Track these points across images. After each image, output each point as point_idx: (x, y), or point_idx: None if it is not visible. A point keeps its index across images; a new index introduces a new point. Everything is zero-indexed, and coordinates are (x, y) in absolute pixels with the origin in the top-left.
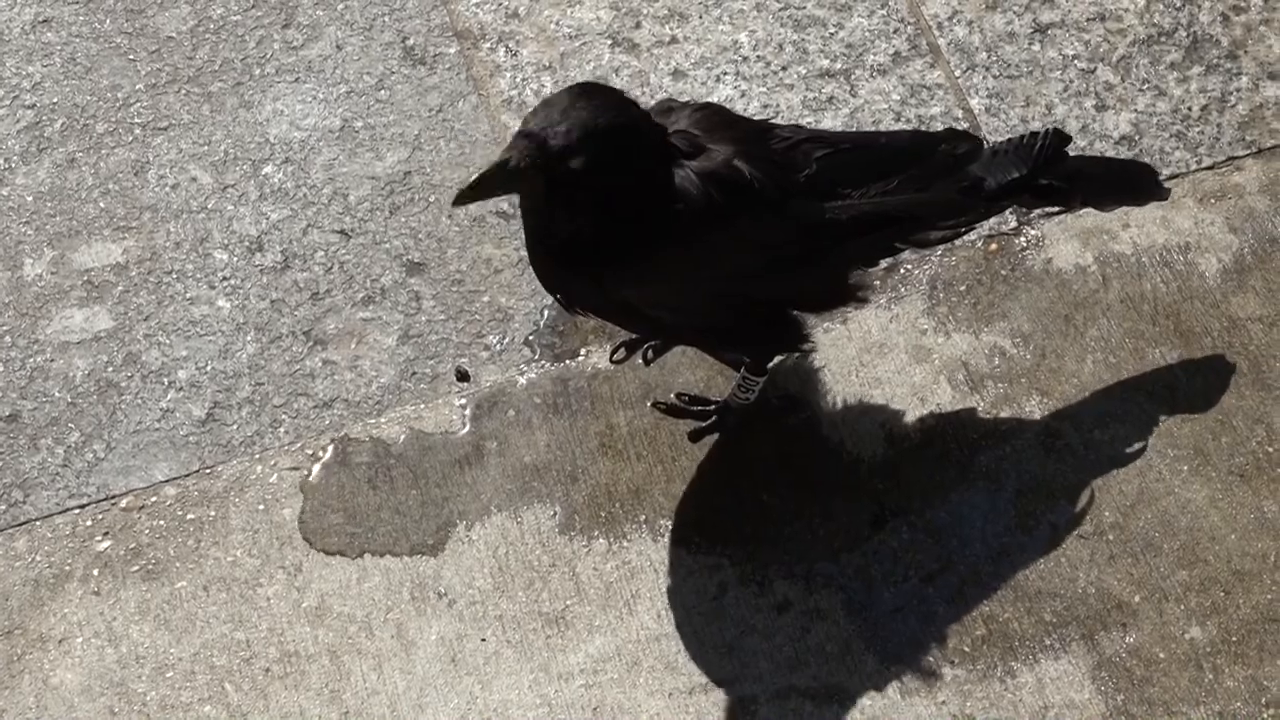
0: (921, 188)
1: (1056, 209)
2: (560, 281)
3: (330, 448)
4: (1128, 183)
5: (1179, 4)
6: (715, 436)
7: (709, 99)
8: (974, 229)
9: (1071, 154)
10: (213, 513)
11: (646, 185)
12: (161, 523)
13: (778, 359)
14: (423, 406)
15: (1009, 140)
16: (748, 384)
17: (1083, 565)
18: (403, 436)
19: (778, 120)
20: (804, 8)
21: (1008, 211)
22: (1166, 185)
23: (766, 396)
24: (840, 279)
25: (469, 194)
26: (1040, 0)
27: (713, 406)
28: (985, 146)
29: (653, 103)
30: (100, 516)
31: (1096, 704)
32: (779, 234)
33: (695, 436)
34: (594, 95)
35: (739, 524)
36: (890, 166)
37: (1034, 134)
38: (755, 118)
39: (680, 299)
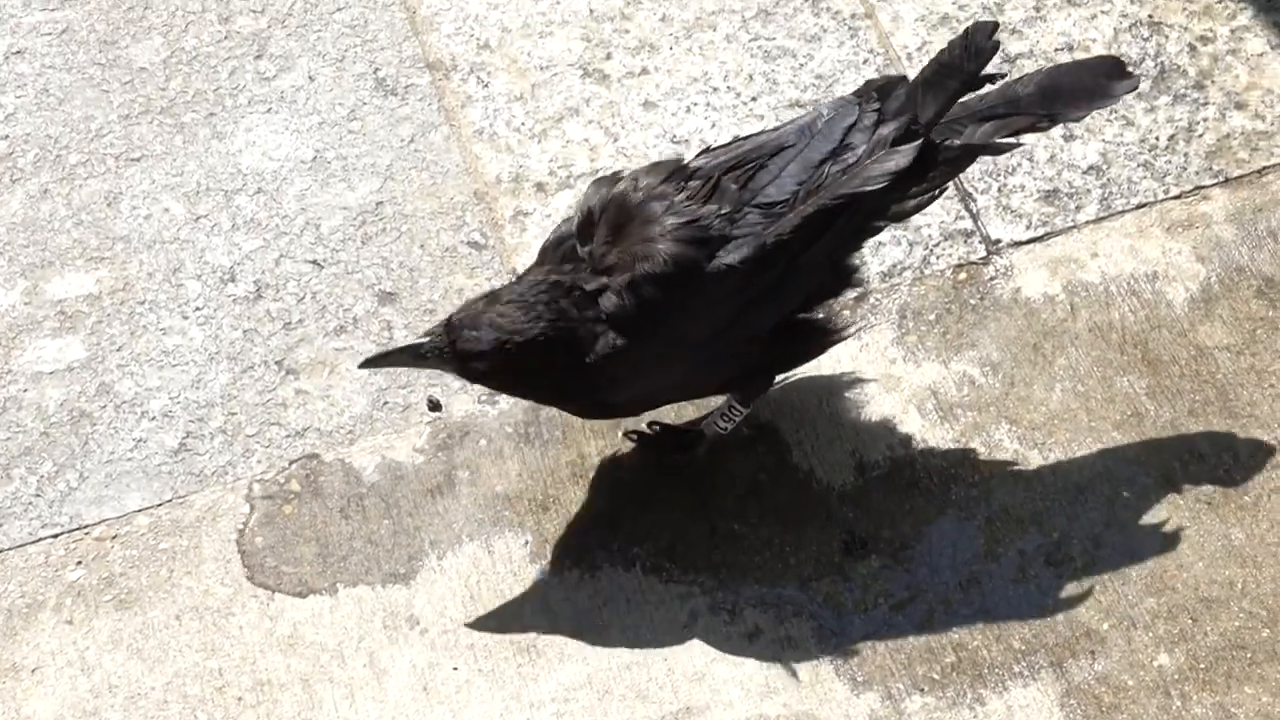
0: (853, 161)
1: (1026, 132)
2: (586, 413)
3: (303, 477)
4: (1092, 83)
5: (1146, 34)
6: (688, 466)
7: (679, 130)
8: (945, 188)
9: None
10: (185, 542)
11: (564, 363)
12: (134, 552)
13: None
14: (395, 436)
15: (928, 64)
16: (732, 414)
17: (1051, 593)
18: (374, 466)
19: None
20: (774, 39)
21: (977, 240)
22: (1135, 72)
23: (737, 426)
24: (828, 272)
25: (379, 359)
26: (1009, 31)
27: (685, 435)
28: (906, 81)
29: (582, 193)
30: (73, 546)
31: None
32: (726, 285)
33: (666, 466)
34: (517, 308)
35: (710, 552)
36: (813, 156)
37: (952, 42)
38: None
39: (676, 379)
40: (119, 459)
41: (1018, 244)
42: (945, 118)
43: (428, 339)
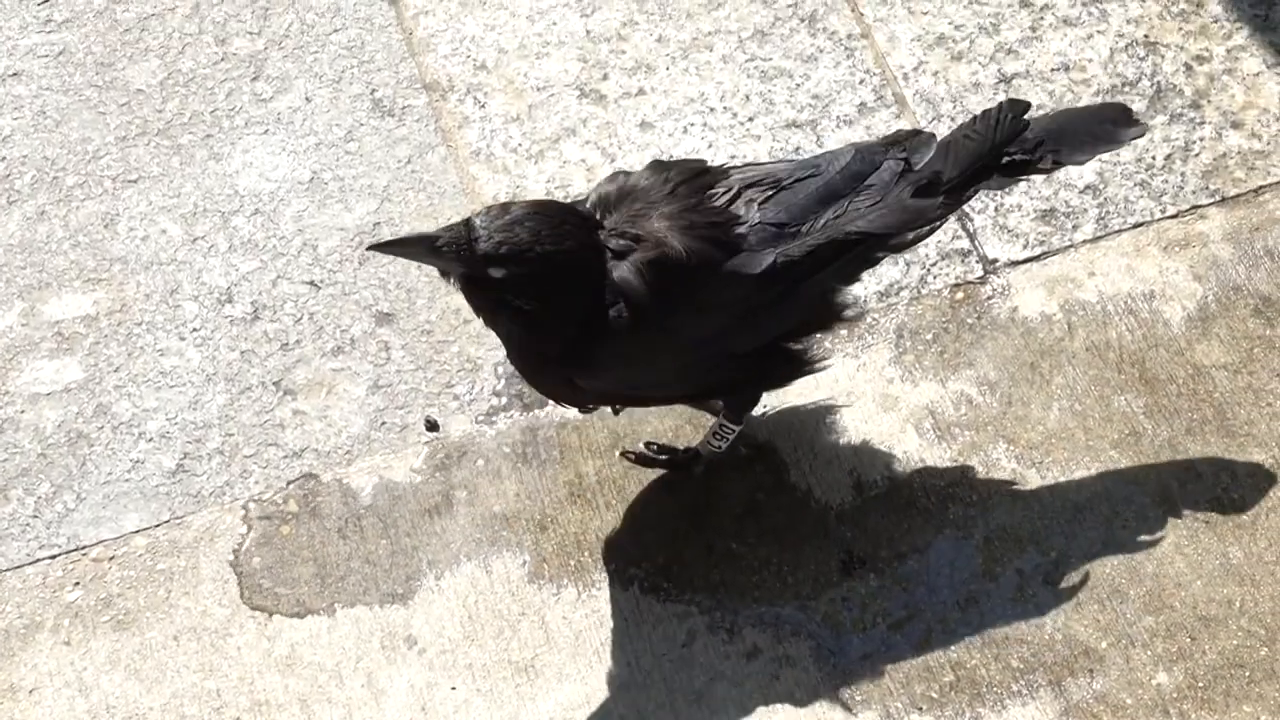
0: (873, 204)
1: (1030, 178)
2: (541, 385)
3: (300, 498)
4: (1096, 130)
5: (1142, 54)
6: (684, 485)
7: (676, 150)
8: (945, 223)
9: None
10: (183, 563)
11: (569, 306)
12: (132, 573)
13: (759, 410)
14: (392, 456)
15: (962, 125)
16: (723, 432)
17: (1050, 612)
18: (372, 486)
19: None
20: (770, 59)
21: (974, 260)
22: (1140, 120)
23: (735, 445)
24: (819, 307)
25: (390, 246)
26: (1005, 51)
27: (682, 455)
28: (937, 139)
29: (603, 176)
30: (71, 567)
31: None
32: (733, 292)
33: (664, 485)
34: (545, 220)
35: (708, 572)
36: (837, 190)
37: (987, 112)
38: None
39: (654, 376)
40: (116, 480)
41: (1015, 263)
42: (963, 177)
43: (446, 233)
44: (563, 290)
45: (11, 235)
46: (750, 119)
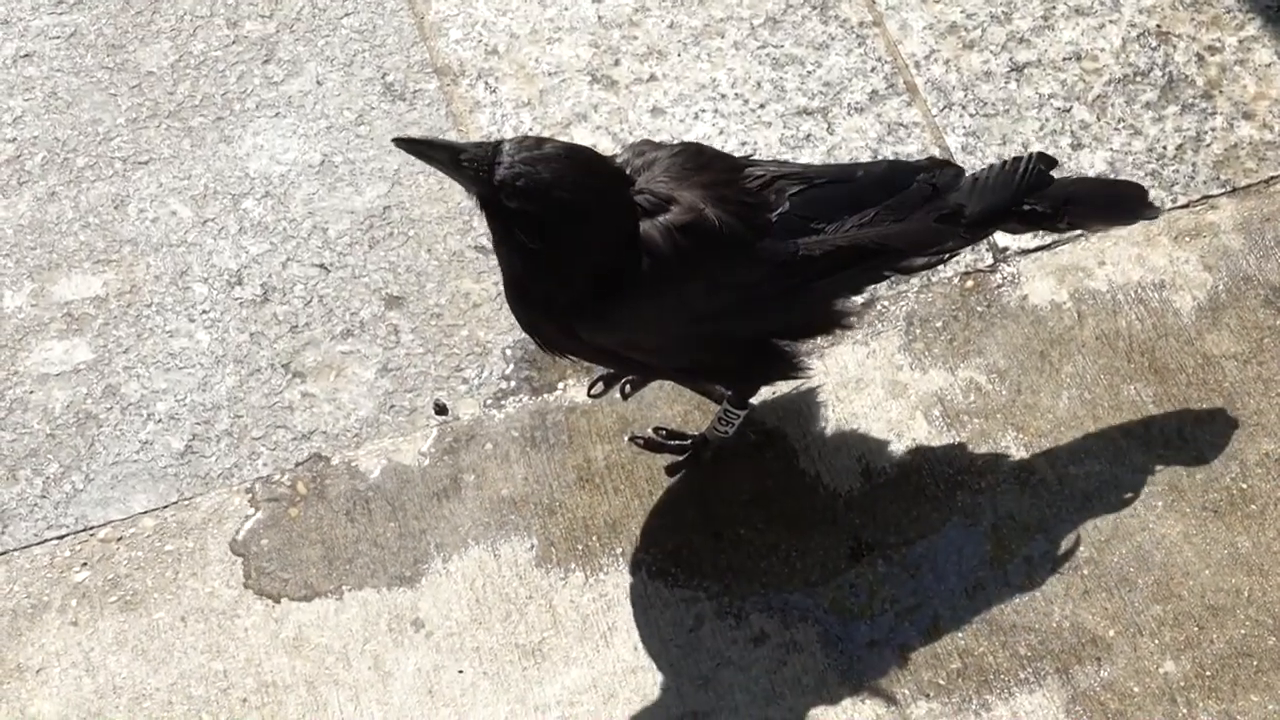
0: (898, 218)
1: (1042, 232)
2: (533, 326)
3: (309, 480)
4: (1115, 203)
5: (1154, 44)
6: (692, 470)
7: (687, 136)
8: (957, 254)
9: (1057, 176)
10: (191, 544)
11: (578, 257)
12: (140, 554)
13: (762, 393)
14: (401, 439)
15: (992, 166)
16: (728, 417)
17: (1057, 600)
18: (380, 469)
19: (757, 157)
20: (782, 46)
21: (984, 248)
22: (1155, 205)
23: (744, 431)
24: (822, 310)
25: (416, 145)
26: (1017, 40)
27: (690, 440)
28: (966, 174)
29: (631, 141)
30: (79, 547)
31: None
32: (750, 274)
33: (672, 470)
34: (574, 165)
35: (716, 557)
36: (866, 199)
37: (1017, 159)
38: (735, 154)
39: (654, 342)
40: (125, 461)
41: (1025, 252)
42: (983, 220)
43: (473, 147)
44: (573, 240)
45: (22, 216)
46: (761, 106)
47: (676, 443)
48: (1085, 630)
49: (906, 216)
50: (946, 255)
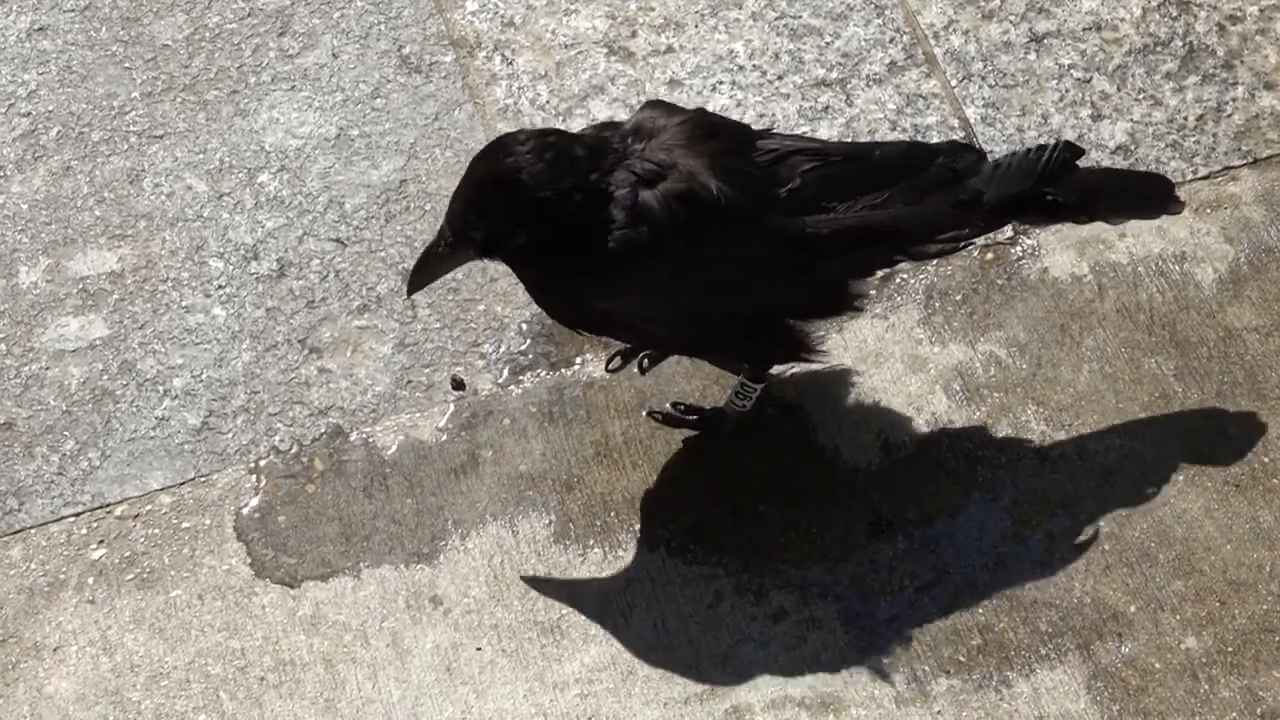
0: (913, 201)
1: (1063, 223)
2: (540, 297)
3: (326, 456)
4: (1140, 196)
5: (1175, 14)
6: (711, 446)
7: (705, 107)
8: (972, 242)
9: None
10: (208, 521)
11: (566, 221)
12: (156, 531)
13: (782, 367)
14: (418, 415)
15: (1014, 153)
16: (745, 391)
17: (1078, 575)
18: (398, 445)
19: (776, 129)
20: (800, 17)
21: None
22: (1181, 199)
23: (763, 406)
24: (833, 290)
25: (413, 283)
26: (1036, 10)
27: (708, 414)
28: (988, 159)
29: (643, 102)
30: (95, 525)
31: (1092, 714)
32: (754, 248)
33: (691, 445)
34: (478, 161)
35: (735, 533)
36: (882, 180)
37: (1041, 147)
38: (753, 125)
39: (657, 313)
40: (141, 437)
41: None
42: (1002, 208)
43: (436, 237)
44: (539, 238)
45: (37, 191)
46: (779, 77)
47: (694, 417)
48: (1106, 606)
49: (922, 200)
50: (961, 243)
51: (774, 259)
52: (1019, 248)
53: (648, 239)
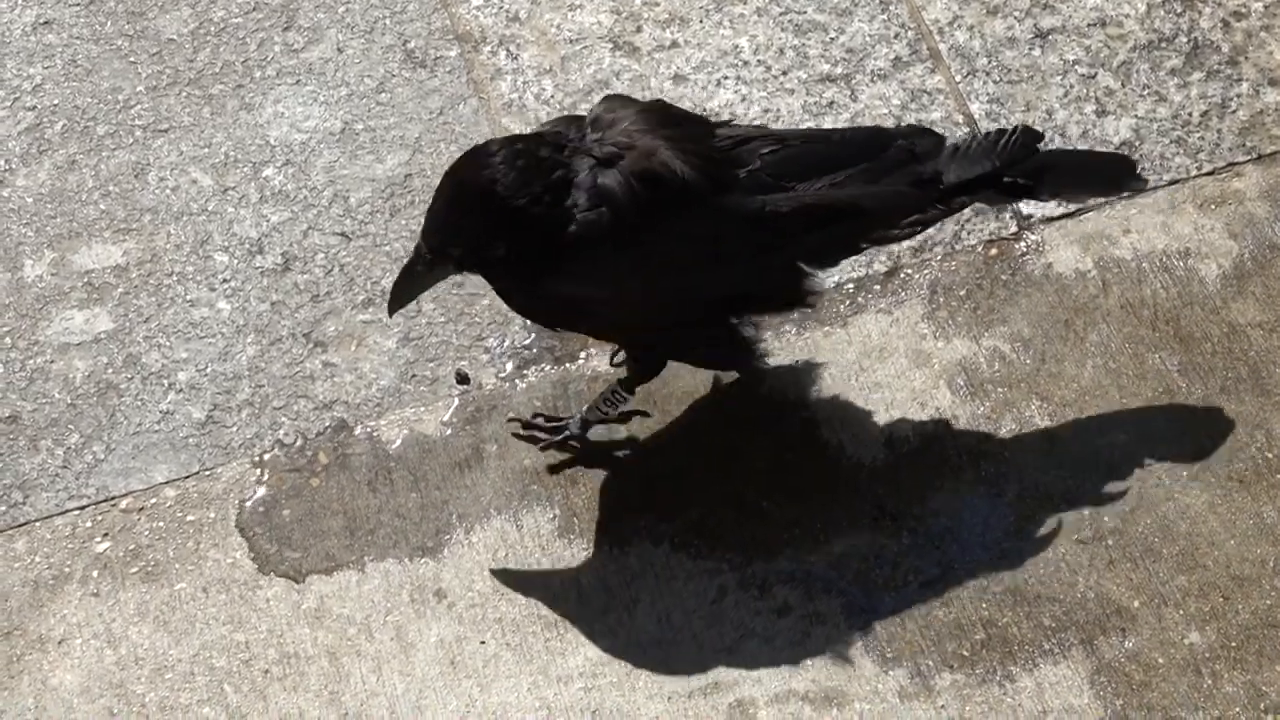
0: (872, 181)
1: (1021, 200)
2: (507, 297)
3: (330, 450)
4: (1100, 176)
5: (1180, 10)
6: (716, 441)
7: (709, 104)
8: (938, 225)
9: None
10: (212, 514)
11: (537, 223)
12: (161, 524)
13: (779, 361)
14: (422, 409)
15: (974, 136)
16: (614, 399)
17: (1082, 570)
18: (402, 439)
19: (780, 125)
20: (805, 12)
21: (1008, 215)
22: (1144, 176)
23: (766, 401)
24: (790, 278)
25: (394, 302)
26: (1041, 6)
27: (564, 422)
28: (947, 142)
29: (600, 98)
30: (100, 518)
31: (1095, 709)
32: (714, 228)
33: (546, 452)
34: (450, 177)
35: (739, 528)
36: (841, 161)
37: (1001, 130)
38: (758, 122)
39: (619, 297)
40: (146, 431)
41: (1050, 220)
42: (961, 188)
43: (414, 255)
44: (517, 247)
45: (42, 185)
46: (784, 72)
47: (553, 424)
48: (1110, 601)
49: (880, 180)
50: (922, 227)
51: (735, 238)
52: (1023, 243)
53: (609, 220)
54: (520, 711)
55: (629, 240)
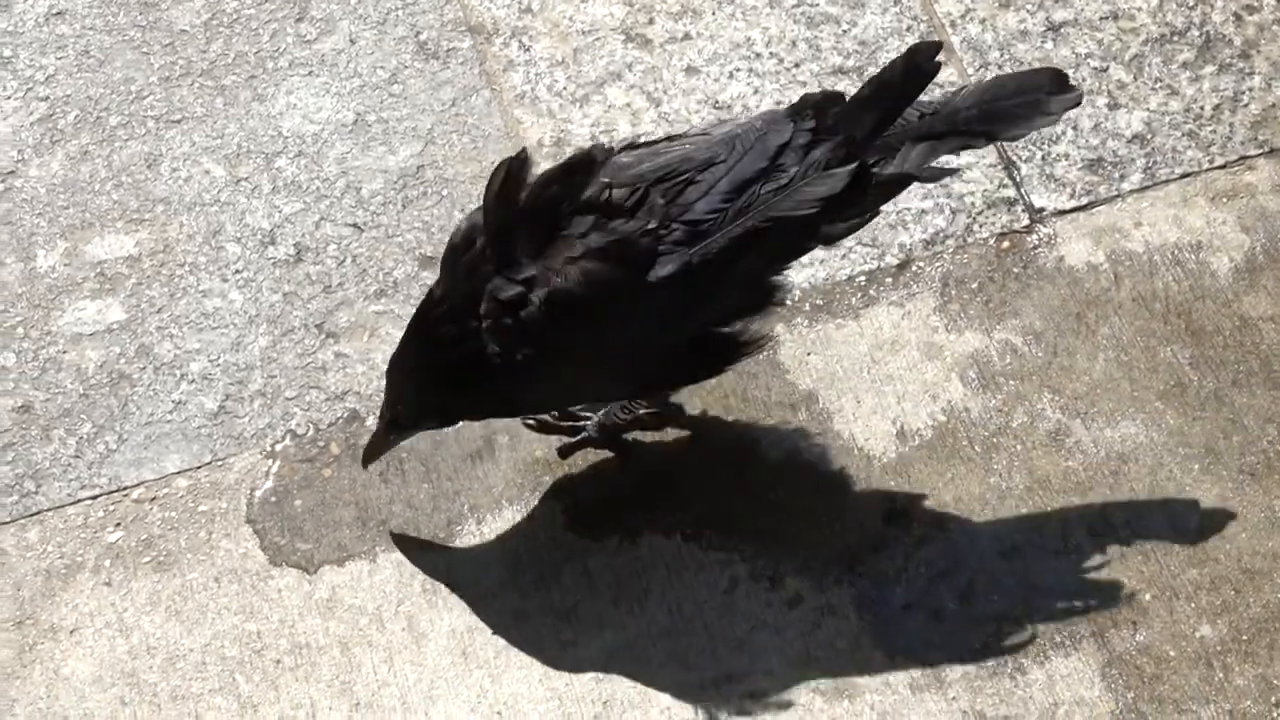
0: (783, 185)
1: (963, 150)
2: (495, 412)
3: (342, 440)
4: (1029, 100)
5: (1191, 3)
6: (727, 433)
7: (722, 95)
8: (881, 203)
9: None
10: (224, 505)
11: (482, 368)
12: (173, 514)
13: (794, 355)
14: None
15: (868, 80)
16: (631, 405)
17: (1093, 563)
18: None
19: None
20: (817, 5)
21: (1020, 208)
22: (1076, 85)
23: (777, 395)
24: (748, 292)
25: (367, 457)
26: None
27: (583, 424)
28: (843, 99)
29: (655, 93)
30: (112, 508)
31: (1106, 701)
32: (650, 302)
33: (564, 452)
34: (401, 349)
35: (750, 520)
36: (747, 177)
37: (893, 61)
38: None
39: (588, 381)
40: (158, 421)
41: (1061, 213)
42: (881, 138)
43: (378, 421)
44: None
45: (54, 175)
46: (796, 65)
47: (569, 424)
48: (1121, 594)
49: (790, 180)
50: (864, 216)
51: (674, 298)
52: (1035, 236)
53: (537, 347)
54: (531, 702)
55: (565, 352)
